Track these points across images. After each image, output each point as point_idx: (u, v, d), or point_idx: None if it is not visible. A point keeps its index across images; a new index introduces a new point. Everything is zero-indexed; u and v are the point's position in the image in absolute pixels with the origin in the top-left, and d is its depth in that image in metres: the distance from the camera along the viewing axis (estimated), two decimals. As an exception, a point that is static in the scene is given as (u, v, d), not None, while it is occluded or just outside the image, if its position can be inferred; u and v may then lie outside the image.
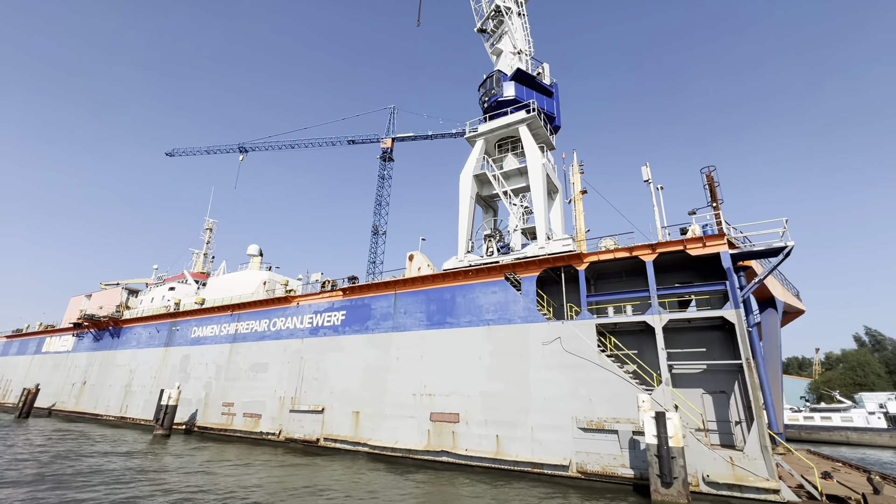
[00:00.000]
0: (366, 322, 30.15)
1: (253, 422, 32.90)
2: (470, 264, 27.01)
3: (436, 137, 78.05)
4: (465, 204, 28.68)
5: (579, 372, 21.32)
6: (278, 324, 35.33)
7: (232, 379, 36.10)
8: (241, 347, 36.96)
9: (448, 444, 23.68)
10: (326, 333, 31.89)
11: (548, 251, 24.48)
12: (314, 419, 29.60)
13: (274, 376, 33.38)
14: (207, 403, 36.91)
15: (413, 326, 27.78)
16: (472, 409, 23.70)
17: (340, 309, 32.01)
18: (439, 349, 26.10)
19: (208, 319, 41.12)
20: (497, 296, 25.21)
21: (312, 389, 30.77)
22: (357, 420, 27.66)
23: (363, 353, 29.26)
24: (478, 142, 30.33)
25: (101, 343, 52.02)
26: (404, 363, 27.15)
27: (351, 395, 28.62)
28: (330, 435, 28.36)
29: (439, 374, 25.55)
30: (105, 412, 45.60)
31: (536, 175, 26.31)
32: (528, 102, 29.97)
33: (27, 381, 59.83)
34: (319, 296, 33.72)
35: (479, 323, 25.26)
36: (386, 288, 30.11)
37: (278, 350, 34.10)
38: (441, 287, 27.49)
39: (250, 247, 60.81)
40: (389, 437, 25.88)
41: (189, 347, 41.35)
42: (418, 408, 25.50)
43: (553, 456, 20.66)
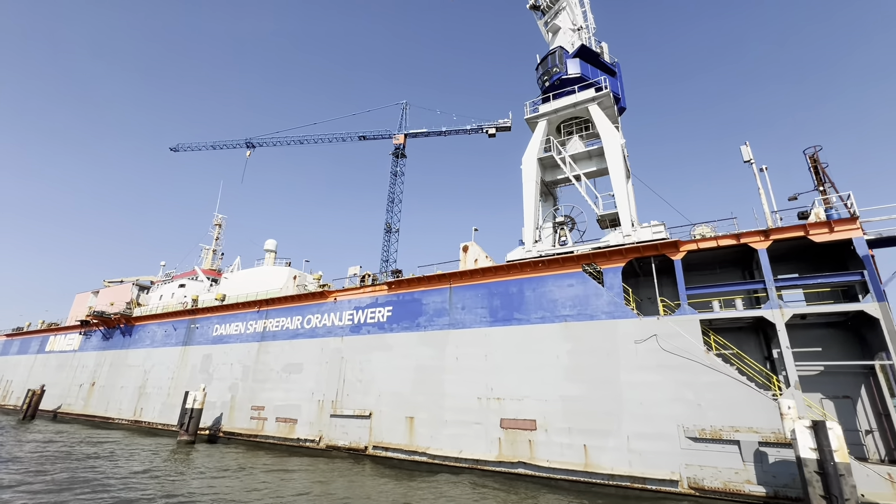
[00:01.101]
0: (416, 318, 27.58)
1: (287, 427, 30.19)
2: (540, 255, 24.53)
3: (449, 134, 75.60)
4: (531, 190, 26.20)
5: (683, 373, 18.85)
6: (313, 321, 32.68)
7: (261, 380, 33.37)
8: (270, 346, 34.25)
9: (524, 455, 21.13)
10: (370, 331, 29.28)
11: (635, 239, 22.05)
12: (360, 425, 26.96)
13: (310, 377, 30.70)
14: (233, 406, 34.15)
15: (473, 323, 25.24)
16: (550, 414, 21.18)
17: (385, 305, 29.42)
18: (507, 348, 23.59)
19: (232, 317, 38.38)
20: (574, 289, 22.74)
21: (356, 392, 28.13)
22: (411, 426, 25.05)
23: (414, 353, 26.68)
24: (539, 123, 27.89)
25: (111, 342, 49.08)
26: (465, 363, 24.60)
27: (402, 398, 26.02)
28: (380, 442, 25.72)
29: (508, 375, 23.02)
30: (117, 415, 42.67)
31: (616, 157, 23.91)
32: (594, 81, 27.60)
33: (30, 381, 56.68)
34: (360, 290, 31.12)
35: (554, 319, 22.77)
36: (439, 281, 27.57)
37: (314, 349, 31.44)
38: (506, 280, 25.00)
39: (268, 241, 58.21)
40: (452, 445, 23.30)
41: (211, 346, 38.57)
42: (485, 413, 22.95)
43: (657, 469, 18.16)
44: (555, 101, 27.71)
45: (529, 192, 26.14)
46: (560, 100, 27.44)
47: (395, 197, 75.23)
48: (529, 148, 27.36)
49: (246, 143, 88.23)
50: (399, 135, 76.50)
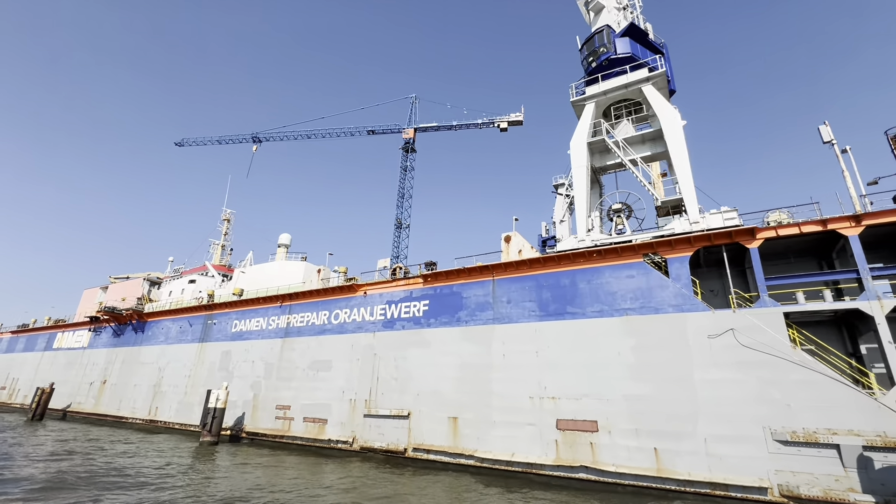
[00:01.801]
0: (456, 313, 26.02)
1: (317, 428, 28.64)
2: (595, 244, 22.95)
3: (460, 128, 73.85)
4: (581, 175, 24.60)
5: (766, 371, 17.32)
6: (341, 316, 31.11)
7: (286, 378, 31.82)
8: (295, 343, 32.68)
9: (586, 458, 19.61)
10: (405, 326, 27.72)
11: (704, 226, 20.48)
12: (397, 425, 25.42)
13: (340, 375, 29.15)
14: (256, 406, 32.60)
15: (521, 317, 23.70)
16: (614, 415, 19.65)
17: (421, 298, 27.85)
18: (560, 344, 22.05)
19: (252, 312, 36.79)
20: (635, 280, 21.19)
21: (392, 390, 26.59)
22: (455, 427, 23.53)
23: (456, 349, 25.13)
24: (587, 106, 26.28)
25: (122, 338, 47.48)
26: (513, 360, 23.07)
27: (444, 397, 24.48)
28: (420, 444, 24.20)
29: (563, 373, 21.49)
30: (131, 414, 41.11)
31: (677, 139, 22.31)
32: (644, 61, 25.98)
33: (37, 379, 55.09)
34: (393, 284, 29.54)
35: (613, 313, 21.23)
36: (480, 274, 26.00)
37: (344, 345, 29.88)
38: (556, 272, 23.44)
39: (282, 236, 56.78)
40: (502, 447, 21.79)
41: (230, 343, 37.00)
42: (539, 413, 21.42)
43: (741, 475, 16.65)
44: (604, 82, 26.08)
45: (580, 179, 24.54)
46: (610, 81, 25.81)
47: (405, 192, 73.71)
48: (578, 132, 25.74)
49: (252, 137, 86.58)
50: (409, 129, 74.83)
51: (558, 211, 50.80)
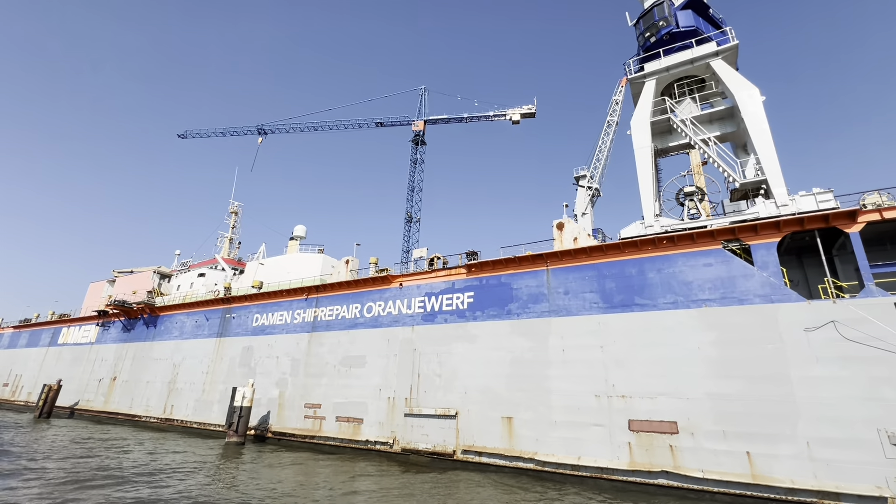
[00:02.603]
0: (506, 305, 24.24)
1: (351, 427, 26.85)
2: (666, 230, 21.19)
3: (471, 120, 71.96)
4: (645, 157, 22.81)
5: (879, 367, 15.63)
6: (374, 309, 29.27)
7: (315, 375, 29.98)
8: (324, 338, 30.83)
9: (665, 463, 17.89)
10: (448, 319, 25.92)
11: (794, 209, 18.73)
12: (444, 426, 23.66)
13: (376, 372, 27.34)
14: (283, 404, 30.77)
15: (581, 310, 21.94)
16: (696, 415, 17.93)
17: (465, 290, 26.05)
18: (628, 338, 20.31)
19: (275, 305, 34.90)
20: (714, 269, 19.45)
21: (435, 388, 24.82)
22: (510, 428, 21.78)
23: (507, 344, 23.37)
24: (647, 84, 24.46)
25: (132, 333, 45.49)
26: (574, 356, 21.32)
27: (495, 395, 22.73)
28: (470, 446, 22.45)
29: (634, 370, 19.76)
30: (144, 413, 39.20)
31: (758, 116, 20.52)
32: (708, 35, 24.17)
33: (41, 376, 53.06)
34: (432, 274, 27.72)
35: (689, 304, 19.49)
36: (532, 263, 24.22)
37: (379, 340, 28.06)
38: (620, 260, 21.68)
39: (297, 227, 54.82)
40: (565, 450, 20.05)
41: (251, 338, 35.11)
42: (607, 413, 19.69)
43: (854, 482, 14.97)
44: (666, 57, 24.25)
45: (644, 161, 22.74)
46: (673, 56, 23.98)
47: (415, 185, 71.92)
48: (638, 112, 23.93)
49: (257, 129, 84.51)
50: (418, 121, 72.98)
51: (580, 204, 49.09)
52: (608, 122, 54.56)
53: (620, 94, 55.13)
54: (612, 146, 53.06)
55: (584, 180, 48.51)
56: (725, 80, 21.98)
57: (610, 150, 52.12)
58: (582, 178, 48.80)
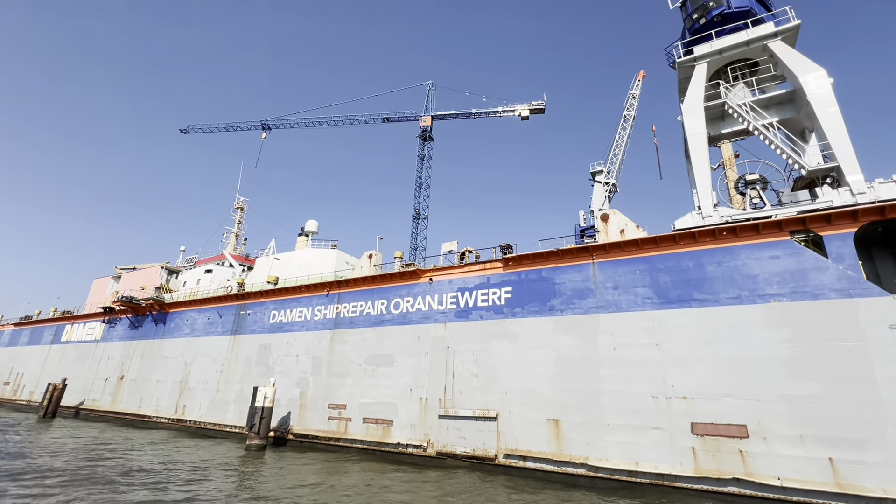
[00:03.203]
0: (548, 301, 22.93)
1: (380, 430, 25.49)
2: (726, 221, 19.89)
3: (479, 116, 70.64)
4: (700, 143, 21.50)
5: (978, 367, 14.39)
6: (402, 305, 27.90)
7: (339, 374, 28.60)
8: (347, 335, 29.44)
9: (735, 469, 16.62)
10: (484, 316, 24.59)
11: (872, 197, 17.46)
12: (483, 428, 22.34)
13: (406, 371, 25.99)
14: (304, 405, 29.37)
15: (633, 305, 20.65)
16: (769, 418, 16.66)
17: (501, 285, 24.72)
18: (687, 335, 19.03)
19: (293, 301, 33.47)
20: (781, 261, 18.18)
21: (472, 388, 23.49)
22: (557, 431, 20.48)
23: (551, 342, 22.06)
24: (698, 67, 23.14)
25: (140, 330, 43.95)
26: (626, 354, 20.03)
27: (540, 396, 21.42)
28: (513, 450, 21.13)
29: (695, 369, 18.48)
30: (154, 413, 37.71)
31: (827, 98, 19.24)
32: (761, 17, 22.88)
33: (44, 374, 51.46)
34: (465, 269, 26.37)
35: (755, 299, 18.22)
36: (576, 256, 22.91)
37: (408, 338, 26.69)
38: (675, 253, 20.40)
39: (308, 222, 53.57)
40: (620, 455, 18.76)
41: (268, 335, 33.69)
42: (666, 416, 18.41)
43: (956, 493, 13.73)
44: (719, 39, 22.92)
45: (700, 148, 21.43)
46: (727, 38, 22.65)
47: (423, 182, 70.61)
48: (690, 96, 22.61)
49: (261, 124, 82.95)
50: (426, 116, 71.64)
51: (597, 199, 47.79)
52: (625, 116, 53.35)
53: (637, 87, 53.91)
54: (629, 140, 51.89)
55: (600, 176, 47.24)
56: (787, 61, 20.69)
57: (627, 144, 50.97)
58: (598, 173, 47.52)
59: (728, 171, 28.42)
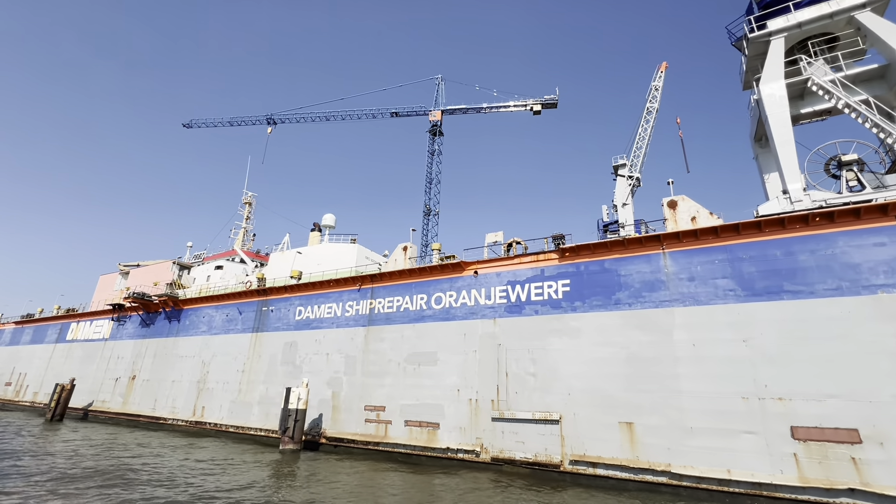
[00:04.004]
0: (613, 294, 21.22)
1: (426, 433, 23.71)
2: (820, 205, 18.24)
3: (490, 110, 68.88)
4: (784, 123, 19.87)
5: None
6: (445, 300, 26.12)
7: (376, 374, 26.80)
8: (383, 332, 27.63)
9: (849, 478, 14.97)
10: (539, 311, 22.86)
11: None
12: (544, 432, 20.61)
13: (451, 370, 24.23)
14: (337, 406, 27.55)
15: (712, 298, 18.97)
16: (885, 421, 15.02)
17: (557, 277, 23.00)
18: (779, 330, 17.37)
19: (321, 297, 31.62)
20: (888, 249, 16.56)
21: (529, 388, 21.76)
22: (631, 435, 18.77)
23: (619, 338, 20.36)
24: (774, 43, 21.50)
25: (152, 328, 41.94)
26: (708, 351, 18.35)
27: (608, 397, 19.71)
28: (581, 456, 19.41)
29: (790, 367, 16.82)
30: (170, 415, 35.75)
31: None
32: (841, -12, 21.24)
33: (48, 374, 49.33)
34: (515, 261, 24.63)
35: (859, 290, 16.57)
36: (642, 246, 21.23)
37: (453, 334, 24.93)
38: (760, 241, 18.73)
39: (325, 216, 51.60)
40: (708, 461, 17.07)
41: (294, 333, 31.82)
42: (760, 418, 16.74)
43: None
44: (798, 12, 21.29)
45: (784, 127, 19.79)
46: (809, 9, 21.03)
47: (433, 177, 68.87)
48: (770, 73, 20.94)
49: (266, 119, 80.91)
50: (436, 111, 69.90)
51: (619, 194, 46.12)
52: (648, 108, 51.54)
53: (660, 79, 52.14)
54: (652, 133, 50.26)
55: (623, 169, 45.54)
56: (879, 33, 19.08)
57: (650, 137, 49.35)
58: (621, 167, 45.77)
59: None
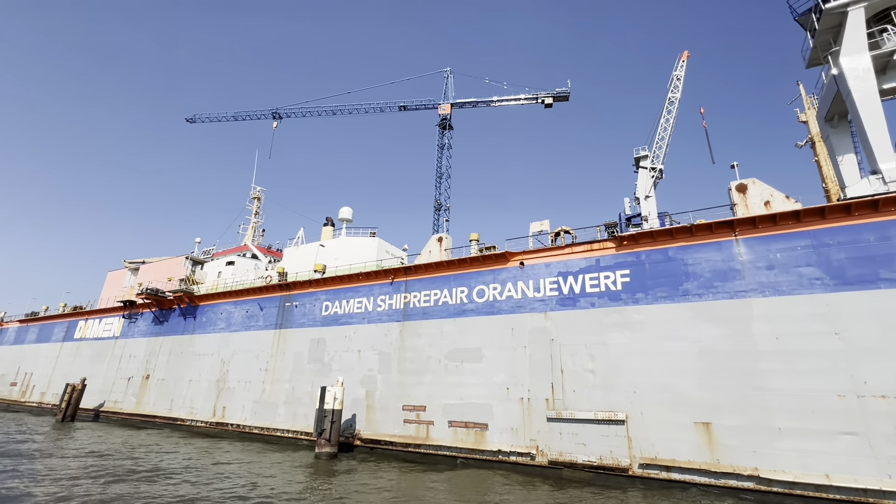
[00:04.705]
0: (679, 284, 19.73)
1: (472, 435, 22.21)
2: (922, 184, 16.75)
3: (500, 103, 67.19)
4: (871, 98, 18.32)
5: None
6: (488, 293, 24.59)
7: (413, 371, 25.27)
8: (420, 327, 26.09)
9: (972, 484, 13.53)
10: (596, 304, 21.34)
11: None
12: (608, 433, 19.12)
13: (499, 367, 22.72)
14: (371, 406, 26.02)
15: (796, 287, 17.49)
16: None
17: (615, 267, 21.49)
18: (878, 322, 15.91)
19: (350, 291, 30.04)
20: None
21: (588, 386, 20.26)
22: (709, 436, 17.30)
23: (689, 332, 18.87)
24: (853, 13, 19.90)
25: (166, 325, 40.29)
26: (795, 345, 16.87)
27: (679, 395, 18.23)
28: (651, 459, 17.94)
29: (894, 362, 15.36)
30: (189, 416, 34.16)
31: None
32: (923, -45, 19.71)
33: (56, 374, 47.65)
34: (566, 250, 23.10)
35: (970, 277, 15.10)
36: (711, 233, 19.72)
37: (499, 329, 23.42)
38: (850, 225, 17.25)
39: (343, 210, 49.90)
40: (802, 465, 15.62)
41: (321, 329, 30.24)
42: (860, 418, 15.28)
43: None
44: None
45: (871, 102, 18.28)
46: (892, -24, 19.50)
47: (443, 172, 67.30)
48: (849, 45, 19.38)
49: (272, 113, 79.24)
50: (445, 104, 68.29)
51: (641, 186, 44.70)
52: (670, 98, 50.01)
53: (682, 69, 50.56)
54: (674, 124, 48.80)
55: (645, 161, 44.01)
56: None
57: (672, 128, 47.88)
58: (643, 158, 44.22)
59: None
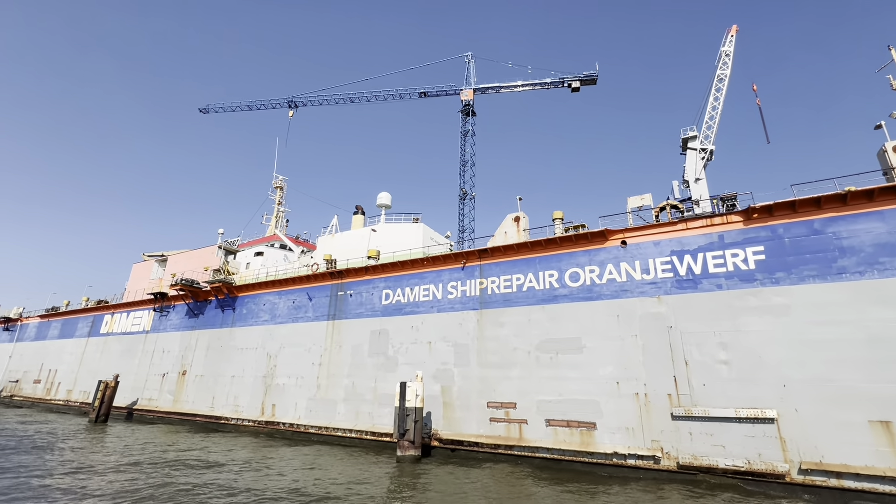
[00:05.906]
0: (832, 261, 17.03)
1: (577, 435, 19.66)
2: None
3: (525, 88, 64.03)
4: None
5: None
6: (583, 276, 21.95)
7: (497, 364, 22.73)
8: (502, 315, 23.51)
9: None
10: (724, 285, 18.67)
11: None
12: (753, 433, 16.52)
13: (604, 359, 20.12)
14: (449, 403, 23.52)
15: None
16: None
17: (744, 243, 18.80)
18: None
19: (414, 277, 27.46)
20: None
21: (721, 380, 17.64)
22: (891, 437, 14.67)
23: (851, 315, 16.20)
24: None
25: (202, 318, 37.88)
26: None
27: (845, 388, 15.60)
28: (815, 464, 15.35)
29: None
30: (233, 414, 31.79)
31: None
32: None
33: (82, 370, 45.45)
34: (680, 227, 20.40)
35: None
36: (870, 201, 16.98)
37: (602, 316, 20.80)
38: None
39: (381, 195, 47.23)
40: None
41: (382, 319, 27.71)
42: None
43: None
44: None
45: None
46: None
47: (467, 159, 64.44)
48: None
49: (288, 102, 76.35)
50: (467, 90, 65.27)
51: (690, 168, 41.92)
52: (718, 76, 47.01)
53: (730, 44, 47.53)
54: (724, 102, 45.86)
55: (693, 142, 41.20)
56: None
57: (722, 106, 44.97)
58: (692, 139, 41.45)
59: None
